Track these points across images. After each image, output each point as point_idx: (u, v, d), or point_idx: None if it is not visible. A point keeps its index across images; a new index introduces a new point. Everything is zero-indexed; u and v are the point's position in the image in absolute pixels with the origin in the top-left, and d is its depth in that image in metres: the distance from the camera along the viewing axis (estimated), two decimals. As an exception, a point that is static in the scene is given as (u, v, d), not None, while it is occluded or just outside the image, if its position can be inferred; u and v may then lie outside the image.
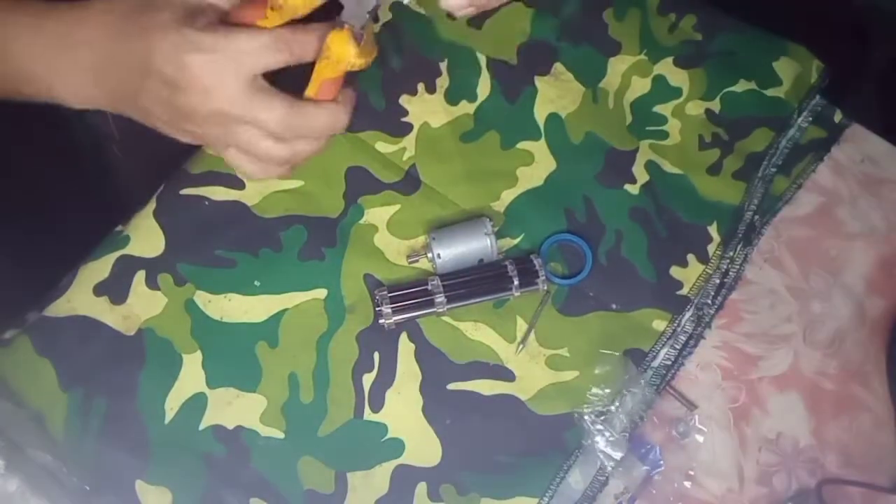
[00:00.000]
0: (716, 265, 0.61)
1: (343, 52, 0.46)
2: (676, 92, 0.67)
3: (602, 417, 0.55)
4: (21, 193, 0.75)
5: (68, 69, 0.50)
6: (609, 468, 0.54)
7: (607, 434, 0.54)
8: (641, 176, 0.63)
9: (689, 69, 0.67)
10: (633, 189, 0.63)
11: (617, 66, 0.68)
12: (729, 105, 0.66)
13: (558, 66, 0.67)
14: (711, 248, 0.61)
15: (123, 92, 0.50)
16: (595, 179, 0.63)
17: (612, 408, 0.55)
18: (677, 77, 0.67)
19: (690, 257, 0.61)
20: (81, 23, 0.50)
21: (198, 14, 0.47)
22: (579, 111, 0.65)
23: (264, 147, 0.49)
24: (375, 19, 0.47)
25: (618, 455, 0.54)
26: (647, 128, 0.65)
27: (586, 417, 0.55)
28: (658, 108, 0.66)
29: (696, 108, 0.66)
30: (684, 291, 0.60)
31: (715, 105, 0.66)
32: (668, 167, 0.64)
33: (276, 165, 0.50)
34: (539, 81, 0.66)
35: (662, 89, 0.67)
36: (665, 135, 0.65)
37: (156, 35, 0.46)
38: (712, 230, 0.62)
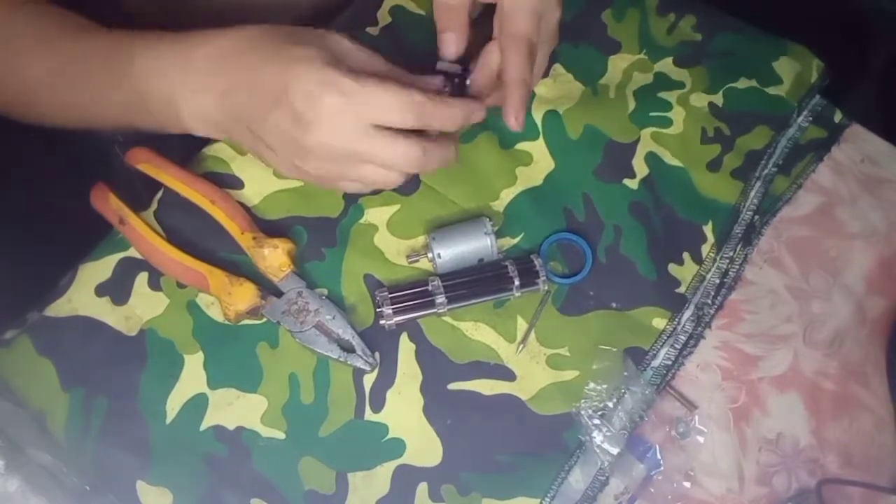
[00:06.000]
0: (709, 267, 0.61)
1: None
2: (679, 84, 0.67)
3: (600, 413, 0.55)
4: (21, 193, 0.75)
5: (195, 87, 0.51)
6: (606, 464, 0.54)
7: (604, 430, 0.54)
8: (641, 169, 0.63)
9: (689, 68, 0.67)
10: (632, 183, 0.63)
11: (617, 64, 0.68)
12: (731, 100, 0.66)
13: (557, 67, 0.67)
14: (705, 249, 0.61)
15: (245, 118, 0.51)
16: (594, 175, 0.63)
17: (610, 404, 0.55)
18: (678, 76, 0.67)
19: (686, 256, 0.61)
20: (222, 38, 0.51)
21: (342, 58, 0.49)
22: (578, 105, 0.65)
23: (382, 177, 0.52)
24: None
25: (614, 451, 0.54)
26: (651, 113, 0.65)
27: (583, 413, 0.55)
28: (663, 95, 0.66)
29: (699, 101, 0.66)
30: (682, 290, 0.60)
31: (718, 99, 0.66)
32: (669, 159, 0.64)
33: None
34: (538, 84, 0.65)
35: (665, 81, 0.67)
36: (669, 122, 0.65)
37: (299, 69, 0.48)
38: (707, 230, 0.62)
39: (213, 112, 0.52)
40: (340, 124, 0.48)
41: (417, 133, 0.50)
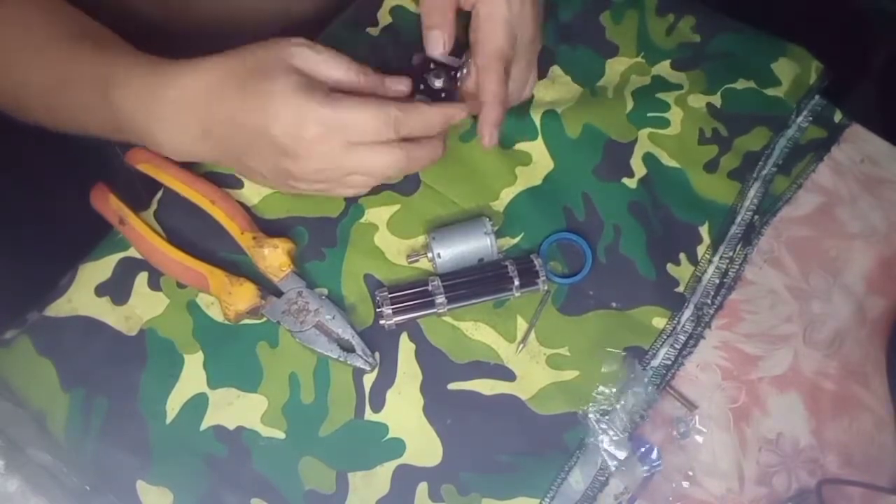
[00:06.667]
0: (704, 268, 0.61)
1: None
2: (678, 86, 0.67)
3: (606, 416, 0.55)
4: (21, 193, 0.75)
5: (171, 122, 0.51)
6: (612, 467, 0.54)
7: (611, 433, 0.54)
8: (640, 169, 0.63)
9: (687, 71, 0.67)
10: (630, 183, 0.63)
11: (615, 67, 0.68)
12: (730, 100, 0.66)
13: (555, 69, 0.67)
14: (701, 250, 0.61)
15: (228, 149, 0.52)
16: (593, 174, 0.63)
17: (617, 407, 0.55)
18: (676, 79, 0.67)
19: (682, 256, 0.61)
20: (190, 77, 0.51)
21: (314, 83, 0.49)
22: (577, 105, 0.65)
23: (373, 182, 0.54)
24: None
25: (622, 455, 0.54)
26: (649, 114, 0.65)
27: (591, 416, 0.55)
28: (661, 95, 0.66)
29: (697, 102, 0.66)
30: (681, 289, 0.60)
31: (716, 99, 0.66)
32: (666, 160, 0.64)
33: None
34: (536, 87, 0.65)
35: (663, 84, 0.67)
36: (666, 123, 0.65)
37: (275, 102, 0.48)
38: (703, 231, 0.62)
39: (194, 147, 0.52)
40: (324, 150, 0.49)
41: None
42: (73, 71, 0.53)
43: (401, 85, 0.54)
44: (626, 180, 0.63)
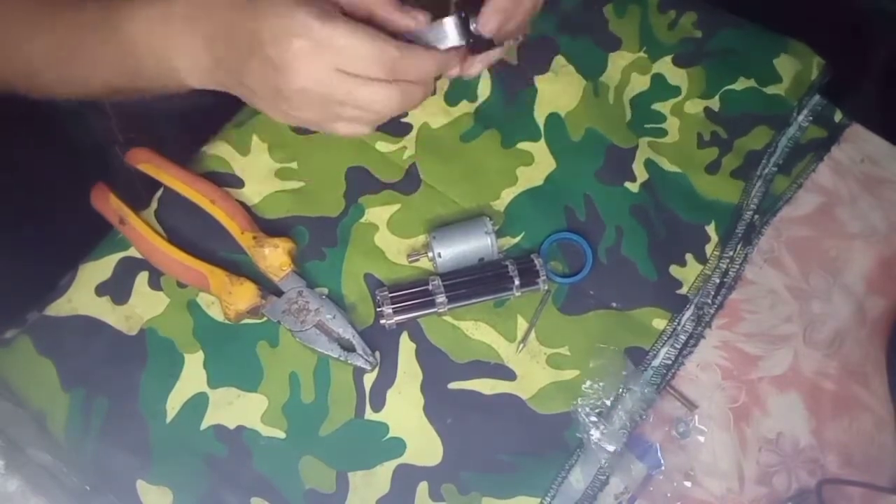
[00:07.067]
0: (714, 265, 0.61)
1: None
2: (675, 91, 0.67)
3: (598, 411, 0.55)
4: (21, 193, 0.75)
5: (180, 40, 0.51)
6: (603, 461, 0.54)
7: (602, 427, 0.54)
8: (641, 174, 0.63)
9: (688, 68, 0.68)
10: (633, 187, 0.63)
11: (617, 62, 0.68)
12: (728, 103, 0.66)
13: (559, 59, 0.67)
14: (709, 249, 0.61)
15: (231, 66, 0.50)
16: (595, 177, 0.63)
17: (608, 402, 0.55)
18: (676, 76, 0.67)
19: (689, 257, 0.61)
20: None
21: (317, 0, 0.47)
22: (580, 107, 0.65)
23: (370, 118, 0.50)
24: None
25: (611, 448, 0.54)
26: (646, 125, 0.66)
27: (580, 410, 0.55)
28: (657, 106, 0.66)
29: (695, 107, 0.66)
30: (684, 291, 0.60)
31: (714, 103, 0.66)
32: (667, 165, 0.64)
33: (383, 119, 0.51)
34: (539, 81, 0.66)
35: (661, 87, 0.67)
36: (664, 133, 0.65)
37: (269, 13, 0.47)
38: (710, 230, 0.62)
39: (203, 62, 0.51)
40: (311, 68, 0.47)
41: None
42: (84, 26, 0.53)
43: (419, 15, 0.51)
44: (628, 184, 0.63)
